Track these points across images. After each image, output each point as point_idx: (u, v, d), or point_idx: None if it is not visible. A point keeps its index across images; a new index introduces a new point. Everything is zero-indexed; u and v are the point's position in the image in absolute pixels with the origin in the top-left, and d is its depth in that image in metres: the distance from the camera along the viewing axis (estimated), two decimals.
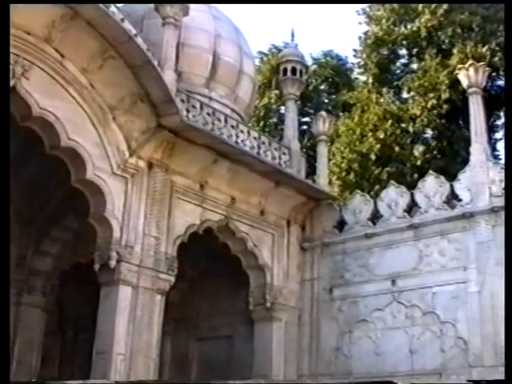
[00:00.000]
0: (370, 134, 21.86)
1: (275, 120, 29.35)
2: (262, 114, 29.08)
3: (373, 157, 21.45)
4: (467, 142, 17.15)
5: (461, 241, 15.34)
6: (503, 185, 15.14)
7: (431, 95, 21.77)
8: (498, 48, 23.55)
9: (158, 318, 13.94)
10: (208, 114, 15.58)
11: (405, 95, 24.48)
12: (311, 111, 27.96)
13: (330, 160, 20.61)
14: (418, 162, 20.86)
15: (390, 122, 21.80)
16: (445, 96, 21.47)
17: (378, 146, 21.45)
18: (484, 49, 23.02)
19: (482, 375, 14.07)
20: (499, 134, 23.65)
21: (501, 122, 23.51)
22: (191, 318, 17.68)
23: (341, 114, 26.66)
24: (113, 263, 13.43)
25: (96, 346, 12.94)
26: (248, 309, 16.56)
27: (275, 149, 17.13)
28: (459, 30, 24.14)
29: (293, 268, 17.10)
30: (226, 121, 15.95)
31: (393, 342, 15.44)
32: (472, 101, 16.31)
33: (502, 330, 14.00)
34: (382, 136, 21.54)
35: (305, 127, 26.27)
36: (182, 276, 15.00)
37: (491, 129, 20.03)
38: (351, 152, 21.95)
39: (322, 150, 18.80)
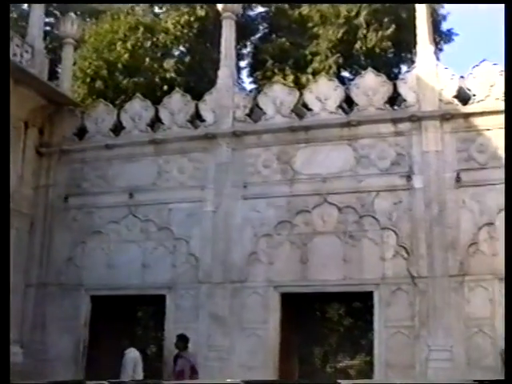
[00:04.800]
0: (120, 42, 21.27)
1: (15, 15, 27.38)
2: None
3: (120, 66, 20.94)
4: (215, 63, 17.23)
5: (201, 160, 15.58)
6: (247, 111, 15.57)
7: (185, 10, 21.64)
8: None
9: None
10: None
11: (157, 10, 24.03)
12: (56, 12, 26.41)
13: (74, 64, 19.72)
14: (168, 76, 20.73)
15: (141, 32, 21.30)
16: (199, 14, 21.45)
17: (127, 55, 20.97)
18: None
19: (210, 291, 14.61)
20: (244, 63, 24.22)
21: (247, 50, 24.05)
22: None
23: (88, 19, 25.53)
24: None
25: None
26: None
27: (17, 45, 16.05)
28: None
29: (27, 173, 16.38)
30: None
31: (126, 255, 15.46)
32: (225, 25, 16.39)
33: (233, 249, 14.71)
34: (131, 46, 21.06)
35: (48, 28, 24.80)
36: None
37: (238, 56, 20.36)
38: (98, 59, 21.22)
39: (68, 53, 17.98)
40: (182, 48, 22.25)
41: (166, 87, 19.62)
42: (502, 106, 13.59)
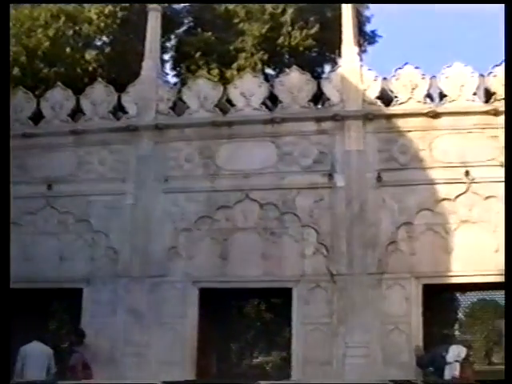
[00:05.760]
0: (40, 30, 20.70)
1: None
2: None
3: (40, 54, 20.40)
4: (139, 55, 16.99)
5: (122, 153, 15.36)
6: (170, 104, 15.44)
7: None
8: None
9: None
10: None
11: None
12: None
13: None
14: (90, 68, 20.33)
15: (62, 21, 20.78)
16: (123, 5, 21.12)
17: (48, 43, 20.44)
18: None
19: (129, 286, 14.40)
20: (168, 56, 23.96)
21: (171, 44, 23.81)
22: None
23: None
24: None
25: None
26: None
27: None
28: None
29: None
30: None
31: (43, 247, 15.11)
32: (151, 17, 16.23)
33: (152, 243, 14.64)
34: (52, 34, 20.54)
35: None
36: None
37: (162, 49, 20.11)
38: (17, 45, 20.61)
39: None
40: (104, 38, 21.84)
41: (86, 79, 19.25)
42: (423, 108, 13.99)
